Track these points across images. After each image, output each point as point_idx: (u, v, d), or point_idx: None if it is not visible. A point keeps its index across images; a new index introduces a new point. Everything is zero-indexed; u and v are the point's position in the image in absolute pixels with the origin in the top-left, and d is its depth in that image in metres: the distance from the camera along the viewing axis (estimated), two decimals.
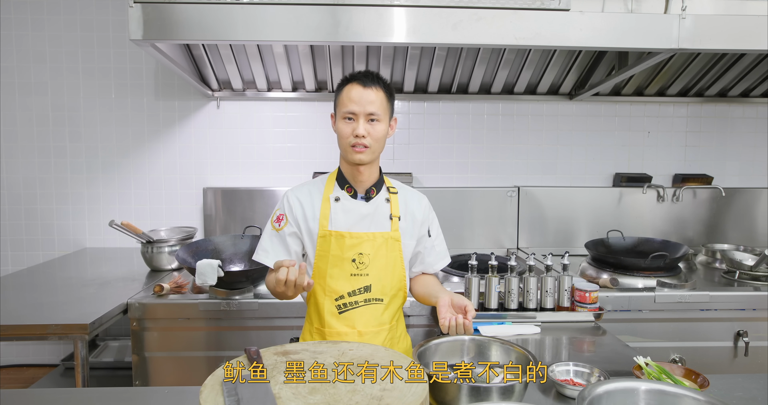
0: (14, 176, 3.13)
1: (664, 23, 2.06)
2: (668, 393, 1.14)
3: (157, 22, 1.91)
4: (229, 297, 2.18)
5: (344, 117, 1.49)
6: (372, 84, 1.48)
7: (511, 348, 1.36)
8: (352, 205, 1.56)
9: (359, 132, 1.46)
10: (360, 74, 1.51)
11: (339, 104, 1.52)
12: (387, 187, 1.63)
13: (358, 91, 1.48)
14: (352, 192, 1.58)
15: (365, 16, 1.96)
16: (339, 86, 1.54)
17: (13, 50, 3.05)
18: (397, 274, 1.58)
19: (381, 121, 1.50)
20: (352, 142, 1.48)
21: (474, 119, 3.22)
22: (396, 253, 1.57)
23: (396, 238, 1.57)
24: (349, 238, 1.53)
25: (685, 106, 3.28)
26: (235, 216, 3.07)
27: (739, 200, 3.20)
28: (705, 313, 2.28)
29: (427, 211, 1.68)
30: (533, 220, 3.17)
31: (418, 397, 1.02)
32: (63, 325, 1.87)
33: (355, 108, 1.47)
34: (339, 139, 1.52)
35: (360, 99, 1.47)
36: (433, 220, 1.71)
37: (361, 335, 1.52)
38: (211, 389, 1.05)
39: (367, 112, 1.47)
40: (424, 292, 1.62)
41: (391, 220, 1.58)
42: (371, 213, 1.56)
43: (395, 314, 1.61)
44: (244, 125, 3.16)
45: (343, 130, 1.50)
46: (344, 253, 1.52)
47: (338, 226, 1.54)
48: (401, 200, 1.62)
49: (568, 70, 2.93)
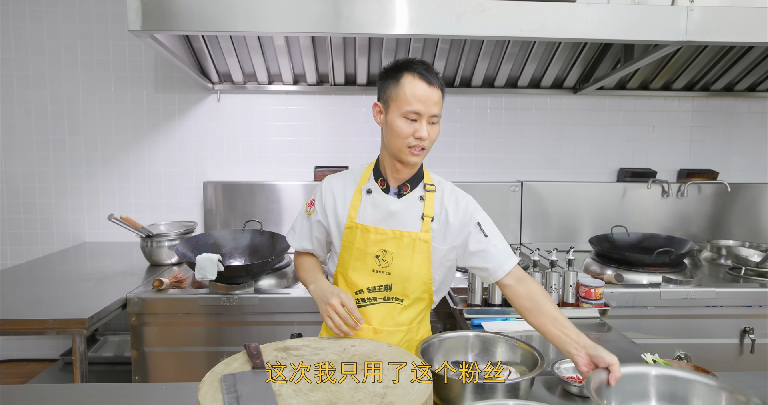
0: (13, 170, 3.11)
1: (671, 15, 2.03)
2: (679, 378, 1.15)
3: (156, 12, 1.89)
4: (229, 292, 2.16)
5: (406, 115, 1.37)
6: (435, 81, 1.38)
7: (516, 344, 1.34)
8: (382, 199, 1.48)
9: (422, 135, 1.36)
10: (420, 67, 1.38)
11: (397, 98, 1.38)
12: (425, 184, 1.51)
13: (423, 89, 1.36)
14: (385, 186, 1.49)
15: (367, 6, 1.93)
16: (392, 75, 1.40)
17: (11, 42, 3.02)
18: (422, 277, 1.48)
19: (438, 123, 1.42)
20: (412, 143, 1.38)
21: (477, 113, 3.19)
22: (423, 255, 1.46)
23: (426, 240, 1.45)
24: (374, 233, 1.45)
25: (690, 101, 3.25)
26: (236, 210, 3.04)
27: (744, 196, 3.17)
28: (710, 309, 2.25)
29: (465, 212, 1.48)
30: (536, 215, 3.14)
31: (422, 394, 1.00)
32: (61, 320, 1.85)
33: (421, 108, 1.36)
34: (394, 136, 1.40)
35: (427, 99, 1.36)
36: (482, 220, 1.49)
37: (376, 333, 1.47)
38: (210, 386, 1.03)
39: (432, 114, 1.37)
40: (540, 323, 1.34)
41: (422, 220, 1.46)
42: (400, 210, 1.46)
43: (416, 317, 1.52)
44: (244, 119, 3.13)
45: (404, 130, 1.37)
46: (368, 247, 1.46)
47: (365, 219, 1.47)
48: (438, 200, 1.50)
49: (573, 63, 2.89)
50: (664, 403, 1.14)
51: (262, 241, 2.52)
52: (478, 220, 1.48)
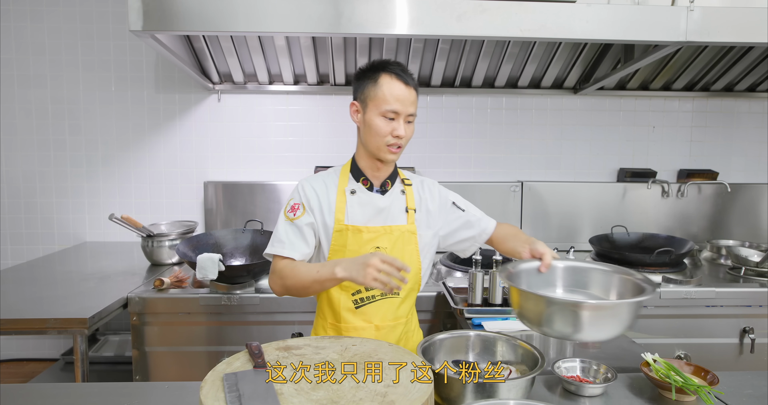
0: (14, 169, 3.11)
1: (671, 15, 2.03)
2: (580, 268, 1.39)
3: (157, 12, 1.89)
4: (230, 291, 2.16)
5: (384, 114, 1.42)
6: (411, 82, 1.44)
7: (517, 344, 1.34)
8: (368, 198, 1.51)
9: (400, 133, 1.42)
10: (397, 67, 1.44)
11: (375, 98, 1.43)
12: (402, 179, 1.59)
13: (401, 89, 1.42)
14: (369, 185, 1.52)
15: (368, 7, 1.94)
16: (369, 75, 1.45)
17: (12, 42, 3.02)
18: (414, 267, 1.53)
19: (413, 121, 1.48)
20: (391, 141, 1.43)
21: (477, 113, 3.19)
22: (412, 246, 1.53)
23: (412, 231, 1.53)
24: (367, 232, 1.48)
25: (690, 101, 3.25)
26: (236, 210, 3.05)
27: (744, 196, 3.17)
28: (710, 309, 2.25)
29: (439, 197, 1.62)
30: (536, 215, 3.14)
31: (423, 393, 1.00)
32: (62, 320, 1.85)
33: (399, 107, 1.41)
34: (373, 134, 1.44)
35: (405, 99, 1.42)
36: (454, 197, 1.66)
37: (378, 329, 1.49)
38: (212, 385, 1.03)
39: (409, 113, 1.44)
40: (508, 246, 1.57)
41: (407, 212, 1.54)
42: (387, 206, 1.52)
43: (412, 307, 1.60)
44: (245, 119, 3.13)
45: (382, 128, 1.42)
46: (362, 248, 1.47)
47: (355, 220, 1.48)
48: (416, 192, 1.59)
49: (573, 63, 2.90)
50: (570, 288, 1.37)
51: (263, 240, 2.52)
52: (453, 200, 1.65)
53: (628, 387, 1.32)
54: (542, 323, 1.17)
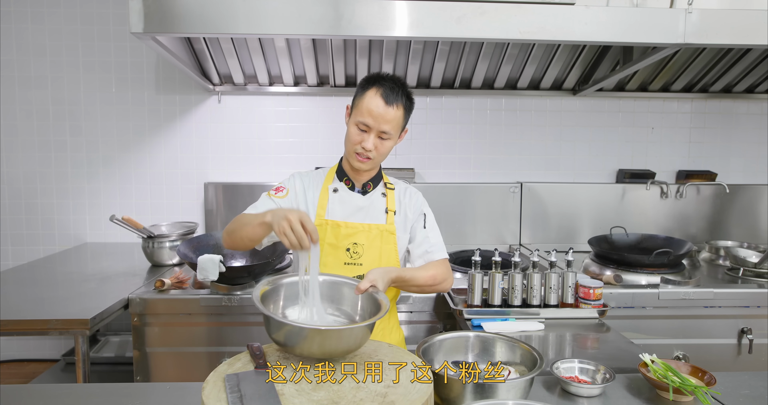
0: (14, 170, 3.12)
1: (669, 18, 2.04)
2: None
3: (158, 14, 1.90)
4: (230, 292, 2.17)
5: (358, 125, 1.49)
6: (395, 101, 1.46)
7: (515, 345, 1.35)
8: (349, 196, 1.61)
9: (366, 146, 1.48)
10: (387, 84, 1.47)
11: (357, 107, 1.50)
12: (385, 183, 1.66)
13: (378, 106, 1.45)
14: (350, 185, 1.62)
15: (368, 9, 1.95)
16: (364, 85, 1.50)
17: (13, 44, 3.03)
18: (391, 266, 1.58)
19: (391, 138, 1.51)
20: (358, 150, 1.50)
21: (477, 114, 3.20)
22: (391, 246, 1.60)
23: (391, 231, 1.60)
24: (345, 227, 1.57)
25: (689, 102, 3.26)
26: (237, 211, 3.01)
27: (743, 197, 3.18)
28: (709, 310, 2.26)
29: (419, 206, 1.66)
30: (536, 216, 3.15)
31: (423, 394, 1.01)
32: (63, 320, 1.86)
33: (371, 122, 1.47)
34: (347, 139, 1.53)
35: (379, 116, 1.45)
36: (428, 213, 1.69)
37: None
38: (214, 385, 1.04)
39: (381, 130, 1.48)
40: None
41: (386, 213, 1.61)
42: (367, 206, 1.61)
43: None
44: (245, 120, 3.14)
45: (353, 137, 1.50)
46: (339, 242, 1.56)
47: (334, 215, 1.58)
48: (397, 196, 1.66)
49: (572, 65, 2.91)
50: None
51: None
52: (425, 213, 1.67)
53: (626, 387, 1.33)
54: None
